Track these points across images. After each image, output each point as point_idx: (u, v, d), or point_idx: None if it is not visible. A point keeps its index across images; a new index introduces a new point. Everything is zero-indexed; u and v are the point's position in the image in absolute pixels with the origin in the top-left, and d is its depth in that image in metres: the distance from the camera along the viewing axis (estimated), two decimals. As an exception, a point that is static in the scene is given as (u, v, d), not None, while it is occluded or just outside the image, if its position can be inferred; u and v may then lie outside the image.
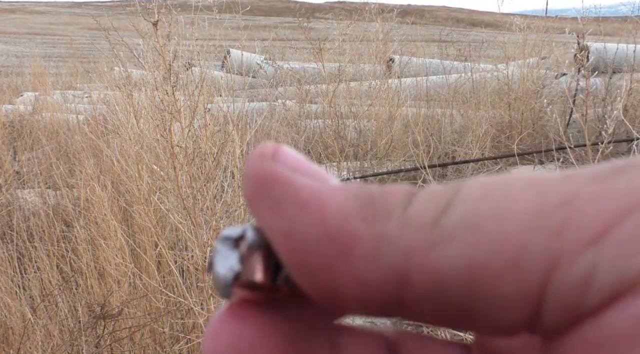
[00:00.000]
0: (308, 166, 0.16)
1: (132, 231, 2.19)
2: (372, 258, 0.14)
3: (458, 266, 0.13)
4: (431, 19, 29.37)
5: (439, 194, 0.14)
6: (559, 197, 0.13)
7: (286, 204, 0.15)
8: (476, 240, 0.13)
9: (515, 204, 0.13)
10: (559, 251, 0.13)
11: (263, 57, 5.02)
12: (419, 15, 23.01)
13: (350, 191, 0.15)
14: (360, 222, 0.14)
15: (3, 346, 1.83)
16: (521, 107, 4.39)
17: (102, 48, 4.37)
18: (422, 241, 0.14)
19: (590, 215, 0.13)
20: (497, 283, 0.13)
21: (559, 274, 0.13)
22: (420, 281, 0.14)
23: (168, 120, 1.86)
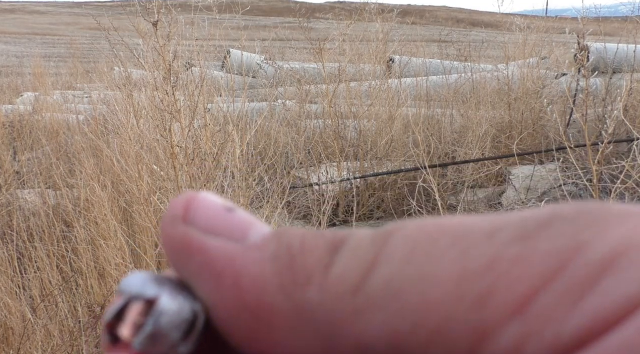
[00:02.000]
0: (224, 219, 0.14)
1: (132, 231, 2.19)
2: (294, 328, 0.13)
3: (381, 336, 0.13)
4: (431, 19, 29.37)
5: (362, 251, 0.13)
6: (482, 261, 0.13)
7: (203, 275, 0.14)
8: (399, 310, 0.13)
9: (438, 268, 0.13)
10: (484, 322, 0.12)
11: (263, 57, 5.02)
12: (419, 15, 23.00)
13: (267, 252, 0.14)
14: (278, 293, 0.13)
15: (3, 346, 1.82)
16: (521, 107, 4.39)
17: (102, 48, 4.37)
18: (344, 310, 0.13)
19: (513, 281, 0.12)
20: (424, 352, 0.13)
21: (486, 345, 0.12)
22: (345, 349, 0.13)
23: (168, 120, 1.86)
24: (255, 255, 0.14)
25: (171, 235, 0.14)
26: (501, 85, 4.65)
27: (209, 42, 2.95)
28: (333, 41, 4.73)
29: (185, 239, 0.14)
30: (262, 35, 7.68)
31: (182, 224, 0.14)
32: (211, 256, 0.14)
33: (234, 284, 0.14)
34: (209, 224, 0.14)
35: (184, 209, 0.15)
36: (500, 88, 4.67)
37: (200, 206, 0.15)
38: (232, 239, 0.14)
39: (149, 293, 0.14)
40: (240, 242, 0.14)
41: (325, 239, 0.14)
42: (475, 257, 0.13)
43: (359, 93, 4.39)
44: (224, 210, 0.15)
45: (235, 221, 0.15)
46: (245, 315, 0.14)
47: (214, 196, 0.15)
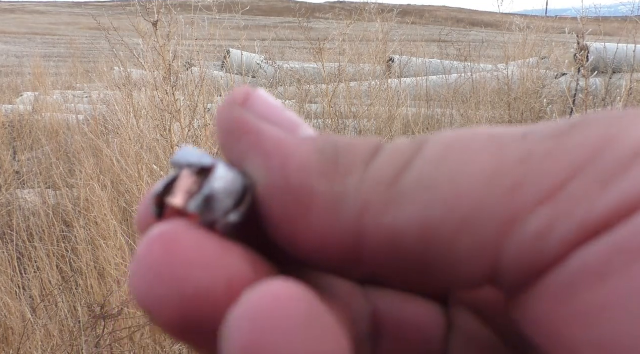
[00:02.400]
0: (279, 113, 0.15)
1: (132, 231, 2.19)
2: (329, 215, 0.14)
3: (413, 226, 0.13)
4: (431, 19, 29.37)
5: (400, 152, 0.14)
6: (516, 155, 0.13)
7: (254, 154, 0.15)
8: (431, 200, 0.13)
9: (472, 165, 0.13)
10: (514, 208, 0.13)
11: (263, 57, 5.02)
12: (419, 15, 23.01)
13: (315, 145, 0.15)
14: (321, 179, 0.14)
15: (3, 346, 1.83)
16: (521, 107, 4.39)
17: (102, 48, 4.37)
18: (379, 200, 0.14)
19: (545, 171, 0.13)
20: (452, 241, 0.13)
21: (515, 231, 0.13)
22: (375, 239, 0.14)
23: (168, 120, 1.86)
24: (304, 144, 0.15)
25: (227, 116, 0.15)
26: (501, 86, 4.65)
27: (209, 42, 2.95)
28: (333, 41, 4.73)
29: (240, 119, 0.15)
30: (262, 35, 7.68)
31: (239, 108, 0.15)
32: (263, 137, 0.15)
33: (280, 166, 0.14)
34: (264, 113, 0.15)
35: (244, 97, 0.15)
36: (500, 88, 4.67)
37: (259, 98, 0.16)
38: (284, 129, 0.15)
39: (205, 161, 0.15)
40: (291, 133, 0.15)
41: (368, 142, 0.15)
42: (508, 153, 0.13)
43: (359, 93, 4.39)
44: (279, 107, 0.16)
45: (288, 117, 0.15)
46: (288, 195, 0.14)
47: (271, 96, 0.16)
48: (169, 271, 0.13)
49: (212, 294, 0.13)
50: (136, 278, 0.13)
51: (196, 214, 0.14)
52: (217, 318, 0.13)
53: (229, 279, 0.13)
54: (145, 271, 0.13)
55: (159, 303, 0.13)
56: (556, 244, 0.12)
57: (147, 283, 0.13)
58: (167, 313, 0.13)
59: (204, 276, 0.13)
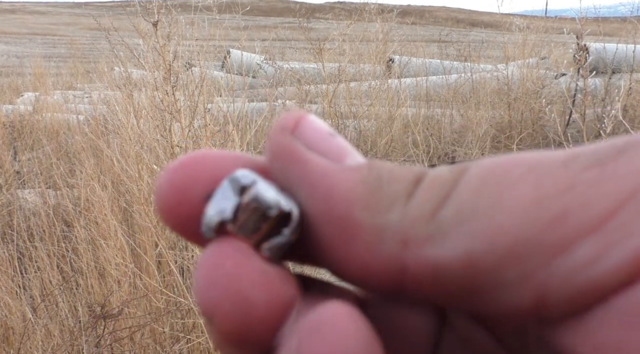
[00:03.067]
0: (327, 140, 0.16)
1: (132, 231, 2.19)
2: (372, 247, 0.14)
3: (454, 259, 0.13)
4: (431, 19, 29.35)
5: (439, 183, 0.14)
6: (558, 185, 0.13)
7: (300, 184, 0.15)
8: (471, 233, 0.13)
9: (512, 195, 0.13)
10: (558, 239, 0.13)
11: (263, 57, 5.03)
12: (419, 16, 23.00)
13: (359, 175, 0.15)
14: (364, 211, 0.14)
15: (3, 345, 1.83)
16: (521, 107, 4.39)
17: (103, 48, 4.38)
18: (419, 234, 0.14)
19: (591, 202, 0.12)
20: (496, 272, 0.13)
21: (561, 260, 0.13)
22: (417, 271, 0.14)
23: (168, 120, 1.87)
24: (348, 175, 0.15)
25: (278, 143, 0.16)
26: (501, 86, 4.65)
27: (209, 42, 2.96)
28: (333, 41, 4.73)
29: (289, 148, 0.15)
30: (262, 35, 7.68)
31: (289, 136, 0.16)
32: (309, 168, 0.15)
33: (325, 197, 0.15)
34: (312, 142, 0.16)
35: (294, 123, 0.16)
36: (500, 88, 4.67)
37: (308, 125, 0.16)
38: (330, 159, 0.15)
39: (285, 206, 0.15)
40: (337, 163, 0.15)
41: (411, 172, 0.15)
42: (550, 183, 0.13)
43: (359, 93, 4.40)
44: (327, 134, 0.16)
45: (335, 145, 0.16)
46: (332, 225, 0.15)
47: (321, 120, 0.16)
48: (229, 284, 0.14)
49: (263, 310, 0.14)
50: (198, 285, 0.14)
51: (247, 238, 0.15)
52: (264, 329, 0.14)
53: (277, 297, 0.14)
54: (207, 281, 0.14)
55: (215, 309, 0.14)
56: (610, 271, 0.12)
57: (206, 291, 0.14)
58: (221, 318, 0.14)
59: (257, 292, 0.14)
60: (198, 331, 1.76)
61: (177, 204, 0.15)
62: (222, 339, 0.14)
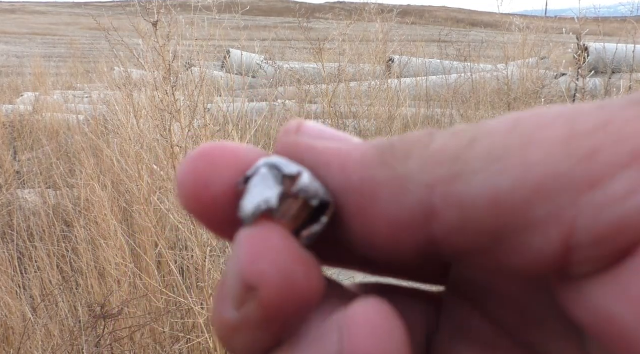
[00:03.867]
0: (330, 132, 0.16)
1: (132, 231, 2.20)
2: (396, 199, 0.14)
3: (483, 196, 0.13)
4: (431, 19, 29.36)
5: (462, 132, 0.14)
6: (592, 123, 0.12)
7: (315, 168, 0.15)
8: (501, 170, 0.13)
9: (545, 133, 0.13)
10: (592, 173, 0.12)
11: (263, 57, 5.03)
12: (419, 16, 23.02)
13: (370, 143, 0.15)
14: (380, 167, 0.14)
15: (3, 345, 1.83)
16: (521, 107, 4.39)
17: (103, 48, 4.38)
18: (445, 174, 0.13)
19: (627, 137, 0.12)
20: (525, 210, 0.13)
21: (594, 195, 0.12)
22: (446, 212, 0.14)
23: (168, 120, 1.87)
24: (360, 146, 0.15)
25: (284, 142, 0.16)
26: (501, 86, 4.66)
27: (209, 42, 2.96)
28: (333, 41, 4.73)
29: (296, 143, 0.16)
30: (262, 35, 7.69)
31: (294, 135, 0.16)
32: (320, 152, 0.15)
33: (341, 169, 0.15)
34: (317, 134, 0.16)
35: (296, 126, 0.16)
36: (500, 88, 4.67)
37: (311, 125, 0.16)
38: (339, 142, 0.16)
39: (323, 196, 0.15)
40: (346, 143, 0.16)
41: (421, 131, 0.15)
42: (584, 122, 0.12)
43: (359, 93, 4.40)
44: (330, 129, 0.16)
45: (340, 133, 0.16)
46: (353, 194, 0.15)
47: (321, 124, 0.17)
48: (277, 257, 0.14)
49: (305, 286, 0.14)
50: (244, 257, 0.14)
51: (288, 224, 0.15)
52: (304, 307, 0.14)
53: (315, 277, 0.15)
54: (254, 253, 0.14)
55: (262, 280, 0.14)
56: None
57: (253, 263, 0.14)
58: (268, 289, 0.14)
59: (300, 268, 0.14)
60: (198, 330, 1.76)
61: (202, 191, 0.15)
62: (260, 313, 0.14)
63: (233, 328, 0.15)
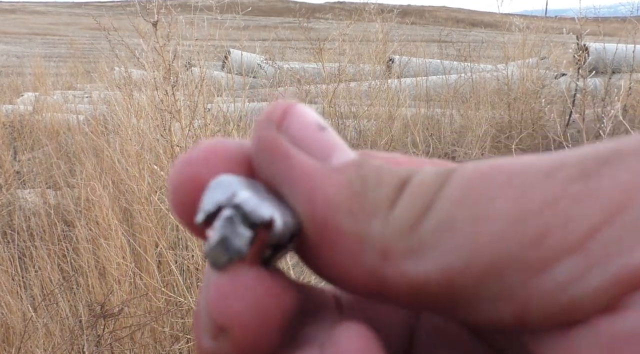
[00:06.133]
0: (314, 135, 0.15)
1: (133, 231, 2.20)
2: (354, 255, 0.14)
3: (434, 274, 0.13)
4: (431, 19, 29.36)
5: (424, 189, 0.14)
6: (540, 200, 0.12)
7: (283, 181, 0.15)
8: (452, 247, 0.13)
9: (492, 208, 0.13)
10: (540, 257, 0.12)
11: (263, 58, 5.03)
12: (419, 16, 23.00)
13: (344, 177, 0.14)
14: (346, 217, 0.14)
15: (4, 345, 1.83)
16: (521, 107, 4.39)
17: (103, 48, 4.38)
18: (399, 247, 0.13)
19: (573, 219, 0.12)
20: (476, 288, 0.13)
21: (542, 279, 0.12)
22: (396, 285, 0.14)
23: (168, 120, 1.87)
24: (333, 177, 0.14)
25: (263, 137, 0.15)
26: (501, 86, 4.66)
27: (209, 42, 2.96)
28: (333, 41, 4.74)
29: (274, 143, 0.15)
30: (263, 35, 7.68)
31: (274, 130, 0.15)
32: (292, 166, 0.15)
33: (308, 199, 0.14)
34: (298, 137, 0.15)
35: (280, 116, 0.15)
36: (499, 88, 4.67)
37: (296, 118, 0.15)
38: (316, 157, 0.15)
39: (292, 231, 0.15)
40: (322, 161, 0.15)
41: (398, 175, 0.14)
42: (532, 197, 0.12)
43: (359, 93, 4.40)
44: (316, 127, 0.15)
45: (323, 140, 0.15)
46: (315, 228, 0.14)
47: (311, 111, 0.16)
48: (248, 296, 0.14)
49: (279, 317, 0.14)
50: (214, 299, 0.14)
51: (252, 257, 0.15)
52: (277, 336, 0.14)
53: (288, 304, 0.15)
54: (223, 294, 0.14)
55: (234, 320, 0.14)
56: (591, 293, 0.12)
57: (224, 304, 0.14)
58: (241, 329, 0.14)
59: (272, 301, 0.14)
60: (198, 330, 1.76)
61: (183, 198, 0.15)
62: (234, 349, 0.14)
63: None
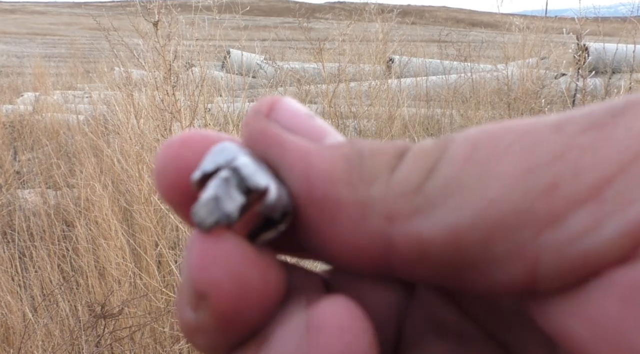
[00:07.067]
0: (304, 121, 0.15)
1: (133, 231, 2.20)
2: (356, 225, 0.14)
3: (441, 232, 0.13)
4: (431, 19, 29.38)
5: (425, 154, 0.14)
6: (549, 153, 0.12)
7: (279, 164, 0.15)
8: (459, 205, 0.13)
9: (502, 164, 0.12)
10: (552, 209, 0.12)
11: (263, 58, 5.03)
12: (419, 16, 23.01)
13: (339, 152, 0.14)
14: (345, 188, 0.14)
15: (4, 345, 1.83)
16: (521, 107, 4.39)
17: (103, 48, 4.38)
18: (405, 208, 0.13)
19: (586, 169, 0.12)
20: (485, 246, 0.12)
21: (554, 232, 0.12)
22: (403, 247, 0.13)
23: (168, 120, 1.87)
24: (328, 152, 0.14)
25: (253, 127, 0.15)
26: (501, 86, 4.66)
27: (209, 42, 2.96)
28: (333, 41, 4.74)
29: (265, 131, 0.15)
30: (262, 35, 7.69)
31: (264, 119, 0.15)
32: (286, 148, 0.15)
33: (304, 176, 0.14)
34: (289, 124, 0.15)
35: (268, 107, 0.15)
36: (499, 88, 4.67)
37: (284, 107, 0.15)
38: (309, 139, 0.15)
39: (285, 207, 0.15)
40: (316, 141, 0.15)
41: (394, 146, 0.14)
42: (541, 151, 0.12)
43: (359, 93, 4.40)
44: (305, 115, 0.15)
45: (314, 125, 0.15)
46: (315, 205, 0.14)
47: (297, 103, 0.16)
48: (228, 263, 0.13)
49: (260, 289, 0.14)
50: (194, 263, 0.14)
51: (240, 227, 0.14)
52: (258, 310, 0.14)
53: (272, 278, 0.14)
54: (204, 259, 0.13)
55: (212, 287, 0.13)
56: (606, 244, 0.11)
57: (203, 269, 0.13)
58: (218, 297, 0.13)
59: (254, 271, 0.14)
60: (198, 330, 1.76)
61: (170, 180, 0.15)
62: (214, 319, 0.14)
63: (193, 329, 0.14)
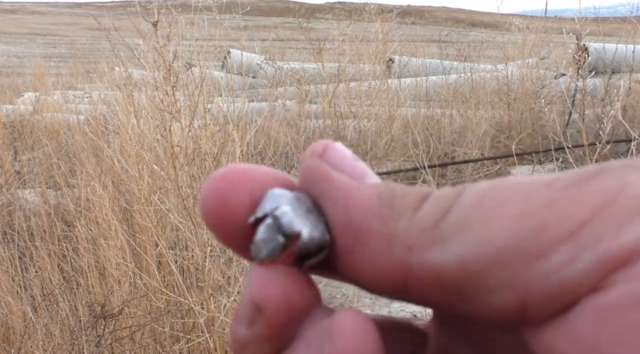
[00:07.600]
0: (349, 162, 0.19)
1: (133, 231, 2.20)
2: (383, 251, 0.17)
3: (451, 262, 0.16)
4: (431, 20, 29.37)
5: (443, 199, 0.17)
6: (541, 201, 0.15)
7: (325, 196, 0.18)
8: (467, 240, 0.16)
9: (502, 209, 0.15)
10: (539, 246, 0.15)
11: (263, 58, 5.03)
12: (419, 16, 23.00)
13: (375, 190, 0.18)
14: (377, 220, 0.17)
15: (4, 345, 1.83)
16: (520, 107, 4.40)
17: (103, 48, 4.38)
18: (423, 241, 0.16)
19: (567, 214, 0.15)
20: (485, 275, 0.15)
21: (540, 265, 0.15)
22: (420, 272, 0.16)
23: (168, 120, 1.87)
24: (366, 190, 0.18)
25: (307, 164, 0.19)
26: (500, 86, 4.66)
27: (209, 42, 2.96)
28: (333, 41, 4.74)
29: (317, 168, 0.18)
30: (262, 35, 7.69)
31: (317, 159, 0.19)
32: (333, 184, 0.18)
33: (345, 207, 0.18)
34: (338, 164, 0.18)
35: (322, 149, 0.19)
36: (499, 88, 4.68)
37: (334, 150, 0.19)
38: (352, 177, 0.18)
39: (320, 243, 0.18)
40: (357, 180, 0.18)
41: (421, 190, 0.18)
42: (533, 200, 0.15)
43: (359, 93, 4.40)
44: (351, 158, 0.19)
45: (358, 167, 0.19)
46: (349, 232, 0.17)
47: (345, 148, 0.19)
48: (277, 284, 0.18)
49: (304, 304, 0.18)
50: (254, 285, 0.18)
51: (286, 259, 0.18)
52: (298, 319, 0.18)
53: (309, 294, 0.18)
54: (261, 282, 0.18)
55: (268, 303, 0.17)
56: (580, 273, 0.14)
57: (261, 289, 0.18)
58: (272, 311, 0.17)
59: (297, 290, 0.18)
60: (198, 330, 1.76)
61: (221, 208, 0.18)
62: (265, 328, 0.17)
63: (244, 343, 0.18)
